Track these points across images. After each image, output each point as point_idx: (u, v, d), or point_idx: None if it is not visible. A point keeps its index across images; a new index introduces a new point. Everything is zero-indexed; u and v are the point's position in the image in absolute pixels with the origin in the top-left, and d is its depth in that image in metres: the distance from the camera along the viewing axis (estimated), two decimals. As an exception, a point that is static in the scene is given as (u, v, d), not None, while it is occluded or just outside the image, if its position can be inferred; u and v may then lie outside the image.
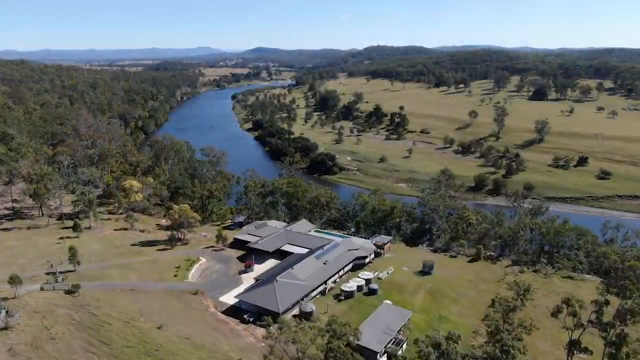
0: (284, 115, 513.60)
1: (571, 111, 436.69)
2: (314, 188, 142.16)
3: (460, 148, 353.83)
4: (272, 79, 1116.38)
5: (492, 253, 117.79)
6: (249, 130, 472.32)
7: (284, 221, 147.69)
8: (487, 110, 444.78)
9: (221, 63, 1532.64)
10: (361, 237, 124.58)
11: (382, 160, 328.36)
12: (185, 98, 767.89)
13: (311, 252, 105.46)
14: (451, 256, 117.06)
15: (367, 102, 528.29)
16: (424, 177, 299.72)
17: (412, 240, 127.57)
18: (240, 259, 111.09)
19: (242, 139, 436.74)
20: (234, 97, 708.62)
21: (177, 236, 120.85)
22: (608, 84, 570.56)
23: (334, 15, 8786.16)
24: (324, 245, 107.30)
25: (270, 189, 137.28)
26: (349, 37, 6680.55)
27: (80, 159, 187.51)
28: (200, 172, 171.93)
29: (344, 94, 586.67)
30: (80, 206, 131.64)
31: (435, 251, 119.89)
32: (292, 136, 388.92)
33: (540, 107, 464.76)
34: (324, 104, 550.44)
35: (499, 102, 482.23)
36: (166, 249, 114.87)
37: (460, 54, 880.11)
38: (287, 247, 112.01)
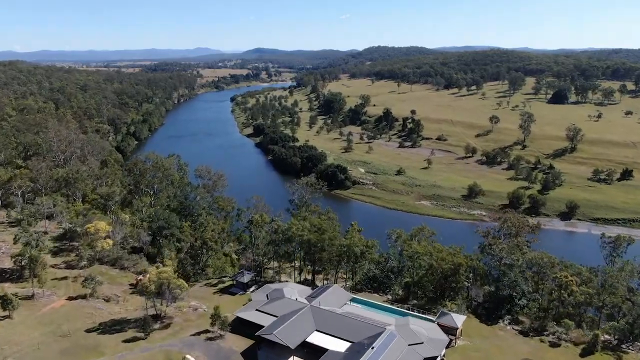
0: (287, 119, 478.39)
1: (599, 116, 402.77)
2: (346, 235, 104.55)
3: (484, 158, 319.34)
4: (271, 80, 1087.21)
5: (608, 337, 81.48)
6: (249, 135, 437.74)
7: (301, 275, 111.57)
8: (506, 114, 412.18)
9: (220, 64, 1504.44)
10: (416, 310, 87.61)
11: (399, 172, 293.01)
12: (182, 100, 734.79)
13: (355, 351, 69.14)
14: (551, 343, 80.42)
15: (374, 105, 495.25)
16: (449, 194, 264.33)
17: (487, 313, 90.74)
18: (247, 355, 74.63)
19: (243, 146, 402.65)
20: (232, 99, 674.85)
21: (155, 312, 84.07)
22: (629, 85, 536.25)
23: (333, 16, 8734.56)
24: (372, 340, 70.78)
25: (288, 236, 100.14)
26: (349, 37, 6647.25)
27: (44, 183, 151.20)
28: (193, 201, 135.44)
29: (348, 96, 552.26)
30: (23, 262, 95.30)
31: (525, 334, 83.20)
32: (297, 143, 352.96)
33: (563, 111, 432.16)
34: (329, 107, 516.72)
35: (517, 106, 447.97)
36: (137, 339, 77.02)
37: (468, 55, 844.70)
38: (317, 338, 75.01)
